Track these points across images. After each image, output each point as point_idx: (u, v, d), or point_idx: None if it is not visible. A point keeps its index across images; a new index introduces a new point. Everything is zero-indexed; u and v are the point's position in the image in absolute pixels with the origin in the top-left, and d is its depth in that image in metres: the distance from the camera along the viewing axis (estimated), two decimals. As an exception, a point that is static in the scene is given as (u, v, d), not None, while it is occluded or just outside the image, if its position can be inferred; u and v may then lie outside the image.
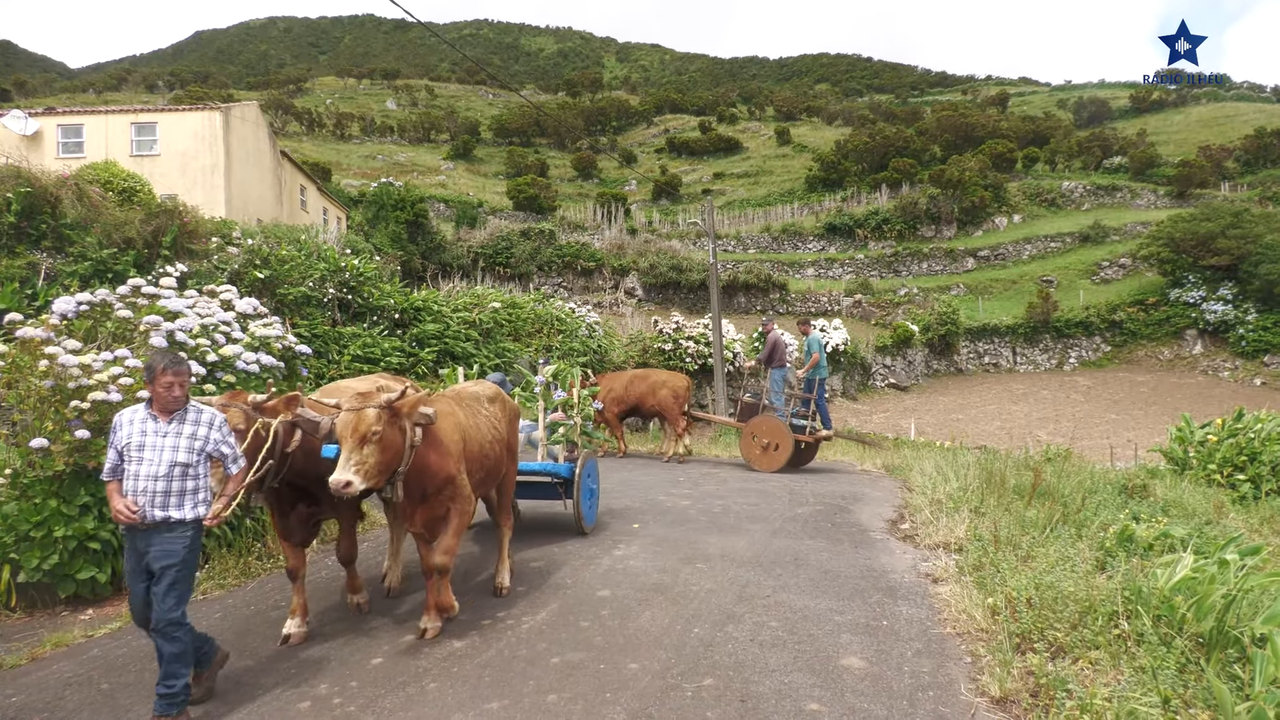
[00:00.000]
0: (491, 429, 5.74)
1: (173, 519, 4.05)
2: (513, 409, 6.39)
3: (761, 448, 12.53)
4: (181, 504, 4.07)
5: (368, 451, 4.39)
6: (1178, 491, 9.39)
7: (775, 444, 12.50)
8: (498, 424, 5.91)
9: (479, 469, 5.43)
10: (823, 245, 52.72)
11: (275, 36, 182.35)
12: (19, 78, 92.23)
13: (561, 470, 7.50)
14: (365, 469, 4.36)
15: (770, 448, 12.50)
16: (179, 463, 4.06)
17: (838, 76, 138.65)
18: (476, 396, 5.89)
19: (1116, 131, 74.31)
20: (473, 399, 5.81)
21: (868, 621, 5.32)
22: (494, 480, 5.94)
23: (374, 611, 5.68)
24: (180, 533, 4.07)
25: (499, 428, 5.90)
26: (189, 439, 4.12)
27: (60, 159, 23.71)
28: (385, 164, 67.32)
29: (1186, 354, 39.44)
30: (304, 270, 15.37)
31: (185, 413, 4.19)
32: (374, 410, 4.45)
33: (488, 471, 5.63)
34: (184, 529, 4.08)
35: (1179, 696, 3.67)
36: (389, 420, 4.50)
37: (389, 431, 4.50)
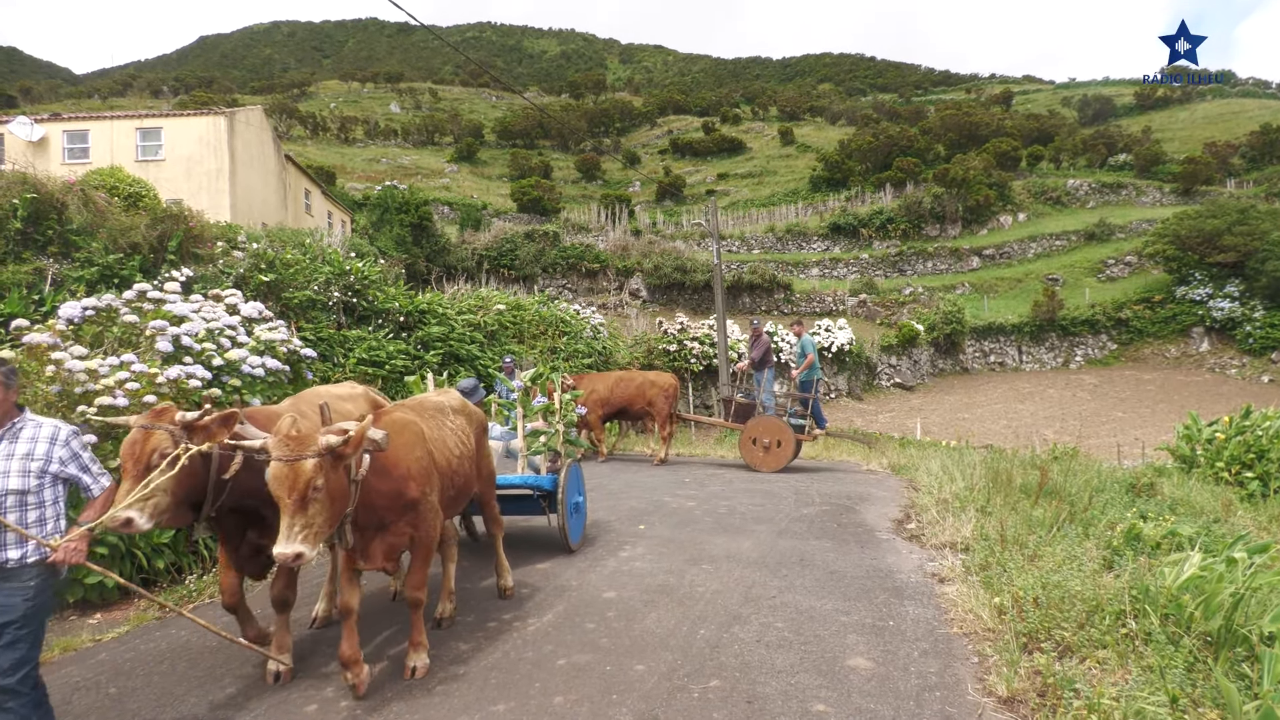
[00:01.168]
0: (459, 443, 5.18)
1: (8, 562, 3.28)
2: (480, 421, 5.78)
3: (764, 448, 12.54)
4: (22, 542, 3.31)
5: (313, 511, 3.65)
6: (1185, 489, 9.36)
7: (777, 442, 12.53)
8: (465, 438, 5.33)
9: (449, 487, 4.90)
10: (827, 245, 52.67)
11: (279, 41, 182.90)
12: (25, 84, 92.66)
13: (543, 482, 6.96)
14: (314, 531, 3.65)
15: (772, 447, 12.52)
16: (10, 490, 3.31)
17: (841, 76, 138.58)
18: (440, 407, 5.29)
19: (1121, 129, 74.12)
20: (436, 410, 5.21)
21: (874, 622, 5.31)
22: (464, 499, 5.38)
23: (379, 614, 5.68)
24: (19, 580, 3.30)
25: (467, 442, 5.32)
26: (22, 460, 3.35)
27: (66, 165, 23.83)
28: (389, 167, 67.48)
29: (1193, 351, 39.31)
30: (309, 274, 15.41)
31: (15, 427, 3.41)
32: (313, 461, 3.65)
33: (459, 489, 5.11)
34: (24, 575, 3.31)
35: (1187, 696, 3.65)
36: (333, 466, 3.77)
37: (335, 479, 3.79)
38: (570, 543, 7.10)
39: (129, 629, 5.48)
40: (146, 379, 6.33)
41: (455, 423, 5.31)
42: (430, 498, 4.52)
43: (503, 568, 6.01)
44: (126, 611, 5.80)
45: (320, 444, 3.71)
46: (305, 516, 3.63)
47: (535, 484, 6.92)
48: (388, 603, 5.96)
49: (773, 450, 12.53)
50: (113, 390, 6.05)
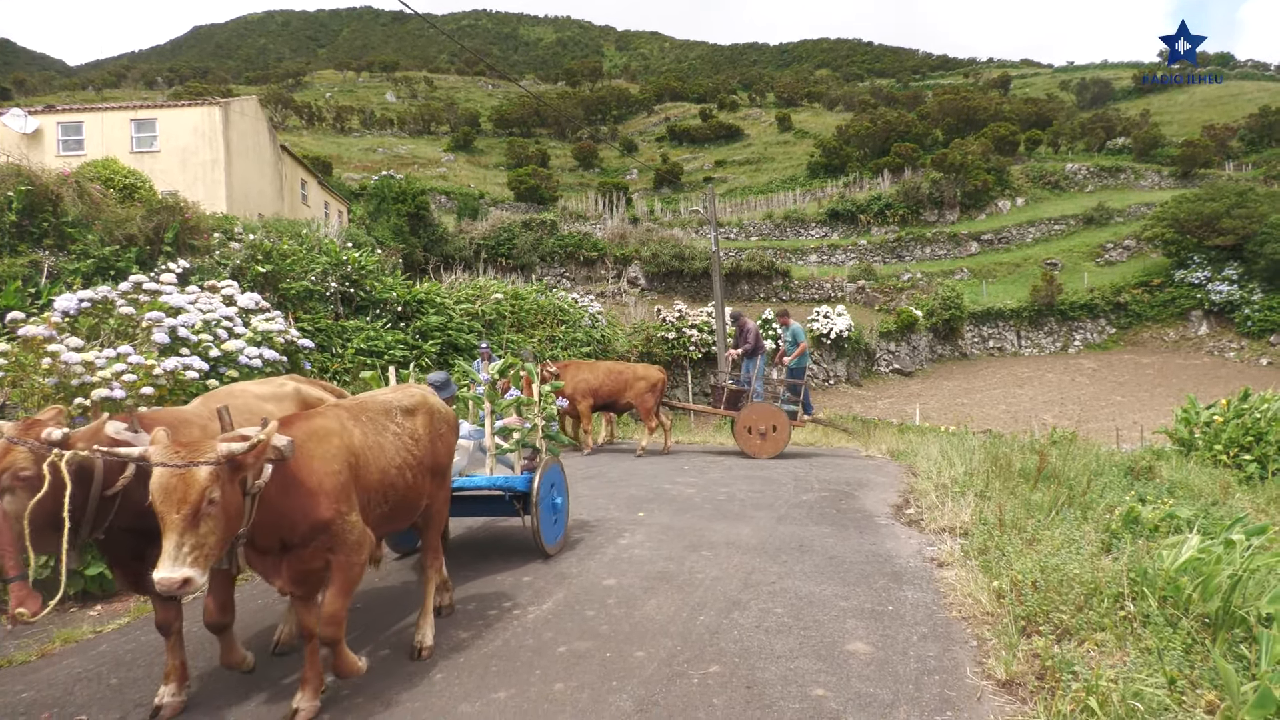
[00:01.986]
0: (406, 450, 4.50)
1: None
2: (444, 421, 5.00)
3: (760, 435, 12.58)
4: None
5: (205, 530, 3.13)
6: (1184, 472, 9.38)
7: (772, 427, 12.60)
8: (417, 442, 4.63)
9: (382, 501, 4.25)
10: (825, 231, 52.59)
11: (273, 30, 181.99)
12: (18, 76, 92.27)
13: (516, 483, 6.31)
14: (205, 552, 3.13)
15: (769, 433, 12.58)
16: None
17: (838, 61, 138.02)
18: (387, 408, 4.59)
19: (1120, 112, 73.96)
20: (380, 412, 4.52)
21: (873, 607, 5.33)
22: (410, 513, 4.69)
23: (377, 605, 5.69)
24: None
25: (418, 448, 4.62)
26: None
27: (61, 157, 23.73)
28: (385, 157, 67.26)
29: (1192, 335, 39.34)
30: (306, 264, 15.38)
31: None
32: (207, 470, 3.14)
33: (397, 504, 4.42)
34: None
35: (1185, 677, 3.66)
36: (230, 477, 3.25)
37: (231, 492, 3.27)
38: (545, 548, 6.45)
39: (130, 620, 5.50)
40: (143, 371, 6.32)
41: (405, 426, 4.60)
42: (349, 518, 3.85)
43: (425, 618, 4.81)
44: (127, 603, 5.81)
45: (220, 450, 3.20)
46: (196, 535, 3.10)
47: (506, 485, 6.27)
48: (390, 586, 5.97)
49: (769, 436, 12.58)
50: (109, 382, 6.05)
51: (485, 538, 7.54)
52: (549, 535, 6.57)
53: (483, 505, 6.67)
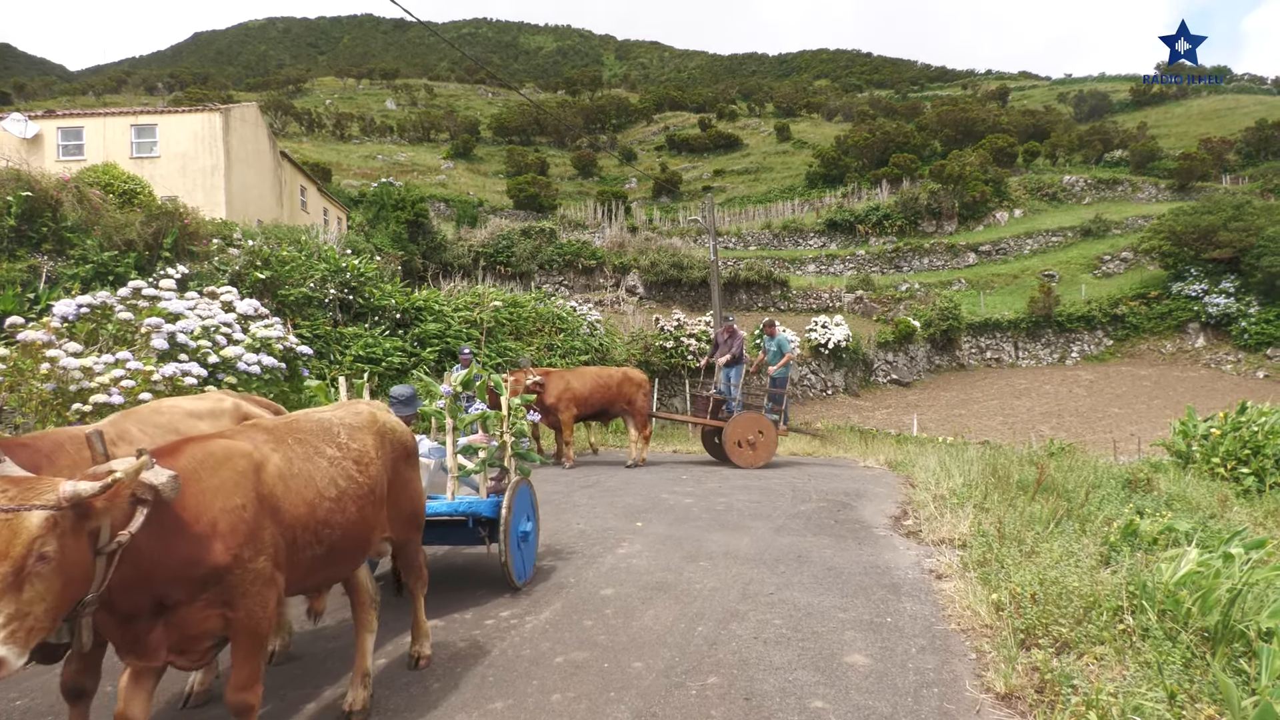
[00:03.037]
0: (347, 478, 3.71)
1: None
2: (401, 444, 4.28)
3: (749, 445, 12.53)
4: None
5: (31, 595, 2.40)
6: (1181, 485, 9.38)
7: (759, 431, 12.59)
8: (363, 469, 3.85)
9: (313, 542, 3.46)
10: (824, 241, 52.70)
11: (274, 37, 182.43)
12: (18, 81, 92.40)
13: (481, 508, 5.73)
14: (28, 625, 2.39)
15: (758, 442, 12.56)
16: None
17: (837, 72, 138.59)
18: (325, 428, 3.83)
19: (1117, 125, 74.24)
20: (315, 433, 3.76)
21: (872, 618, 5.31)
22: (357, 554, 3.88)
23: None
24: None
25: (364, 476, 3.83)
26: None
27: (60, 162, 23.74)
28: (385, 164, 67.35)
29: (1189, 347, 39.42)
30: (305, 271, 15.39)
31: None
32: (40, 517, 2.40)
33: (337, 545, 3.62)
34: None
35: (1185, 691, 3.65)
36: (74, 528, 2.51)
37: (74, 548, 2.51)
38: (514, 580, 5.82)
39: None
40: (142, 376, 6.31)
41: (349, 449, 3.83)
42: (255, 564, 3.09)
43: (420, 631, 4.65)
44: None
45: (61, 492, 2.45)
46: (17, 601, 2.36)
47: (471, 510, 5.68)
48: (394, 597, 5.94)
49: (759, 446, 12.55)
50: (108, 388, 6.04)
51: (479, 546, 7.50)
52: (518, 564, 5.93)
53: (443, 532, 6.05)
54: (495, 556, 6.19)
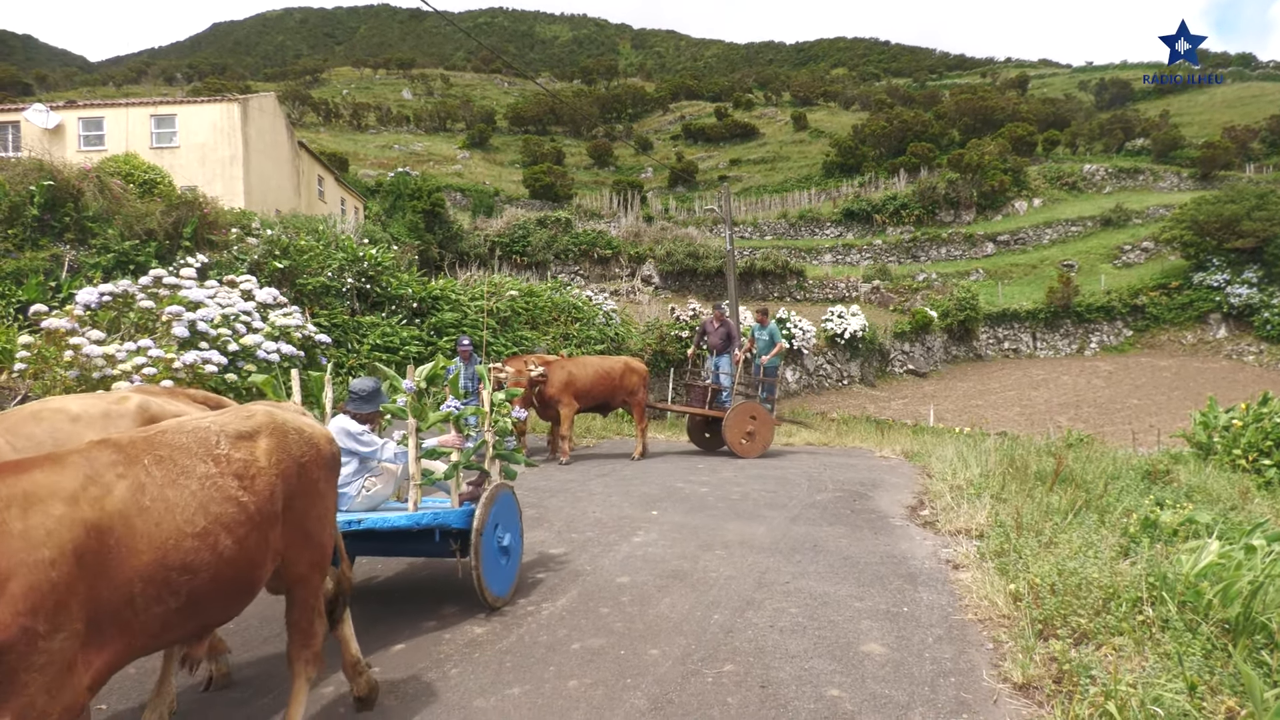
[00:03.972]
0: (228, 500, 2.98)
1: None
2: (306, 449, 3.45)
3: (746, 435, 12.40)
4: None
5: None
6: (1202, 477, 9.30)
7: (759, 423, 12.48)
8: (249, 485, 3.10)
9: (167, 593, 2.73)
10: (840, 231, 52.42)
11: (291, 27, 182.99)
12: (40, 72, 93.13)
13: (451, 519, 5.06)
14: None
15: (756, 431, 12.46)
16: None
17: (855, 60, 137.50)
18: (203, 439, 3.07)
19: (1139, 113, 73.34)
20: (187, 447, 3.01)
21: (888, 608, 5.31)
22: (238, 595, 3.11)
23: (393, 598, 5.72)
24: None
25: (250, 494, 3.09)
26: None
27: (81, 152, 23.94)
28: (402, 154, 67.51)
29: (1210, 338, 38.96)
30: (323, 260, 15.48)
31: None
32: None
33: (205, 588, 2.86)
34: None
35: (1205, 683, 3.63)
36: None
37: None
38: (489, 598, 5.16)
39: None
40: (163, 364, 6.37)
41: (226, 462, 3.06)
42: (49, 643, 2.29)
43: None
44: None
45: None
46: None
47: (436, 522, 5.01)
48: (416, 575, 5.99)
49: (757, 435, 12.47)
50: (130, 375, 6.10)
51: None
52: (495, 582, 5.27)
53: (408, 544, 5.44)
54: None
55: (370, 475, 5.21)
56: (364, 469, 5.16)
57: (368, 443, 5.05)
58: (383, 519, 4.87)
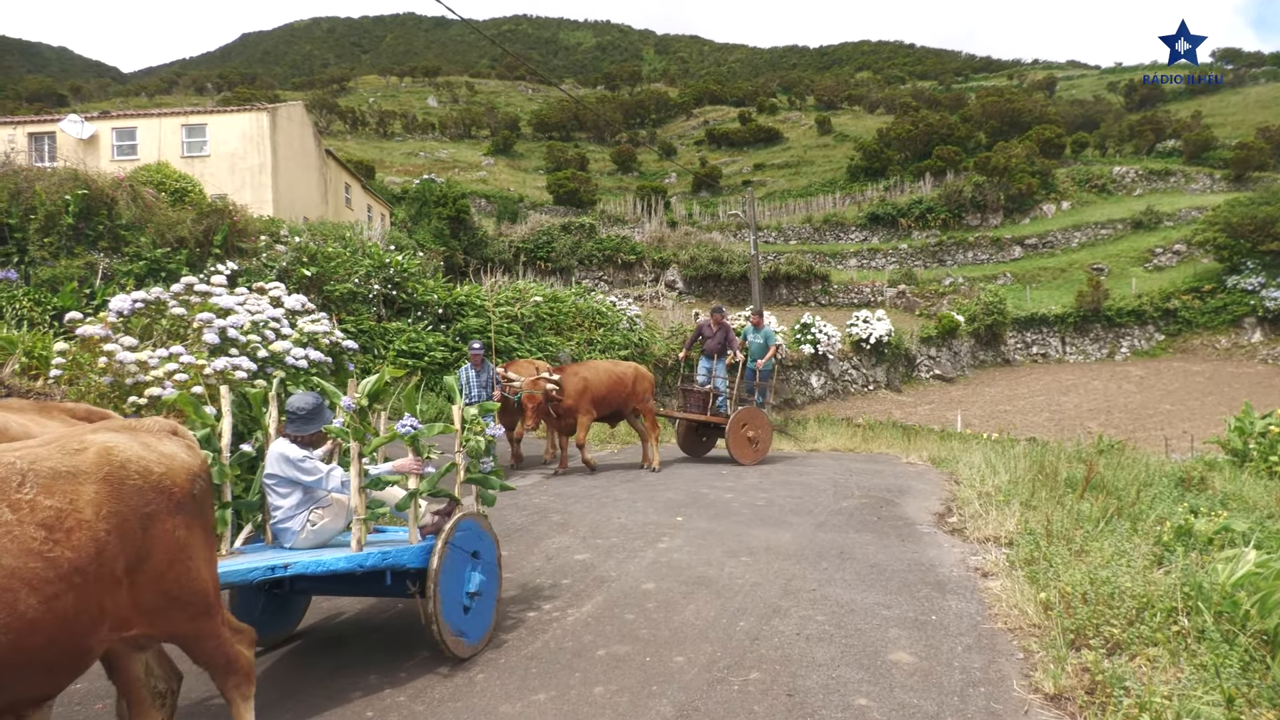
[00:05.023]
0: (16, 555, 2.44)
1: None
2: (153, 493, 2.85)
3: (748, 440, 12.17)
4: None
5: None
6: (1237, 484, 9.12)
7: (759, 431, 12.32)
8: (61, 538, 2.56)
9: None
10: (865, 235, 52.14)
11: (319, 37, 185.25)
12: (75, 84, 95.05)
13: (405, 558, 4.39)
14: None
15: (758, 438, 12.29)
16: None
17: (879, 64, 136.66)
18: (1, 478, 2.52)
19: (1170, 114, 72.14)
20: None
21: (916, 616, 5.26)
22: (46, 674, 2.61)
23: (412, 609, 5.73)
24: None
25: (62, 546, 2.55)
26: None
27: (115, 161, 24.38)
28: (427, 161, 68.09)
29: (1245, 342, 38.23)
30: (349, 267, 15.64)
31: None
32: None
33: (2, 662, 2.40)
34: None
35: (1243, 695, 3.56)
36: None
37: None
38: (452, 646, 4.43)
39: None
40: (194, 370, 6.46)
41: (31, 509, 2.52)
42: None
43: None
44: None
45: None
46: None
47: (386, 562, 4.32)
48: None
49: (759, 441, 12.32)
50: (162, 381, 6.19)
51: (523, 540, 7.56)
52: (464, 627, 4.57)
53: (359, 585, 4.72)
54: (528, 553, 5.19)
55: (317, 507, 4.58)
56: (309, 500, 4.55)
57: (310, 470, 4.45)
58: (316, 562, 4.13)
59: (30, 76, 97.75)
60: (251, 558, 4.26)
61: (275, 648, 4.89)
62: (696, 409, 12.67)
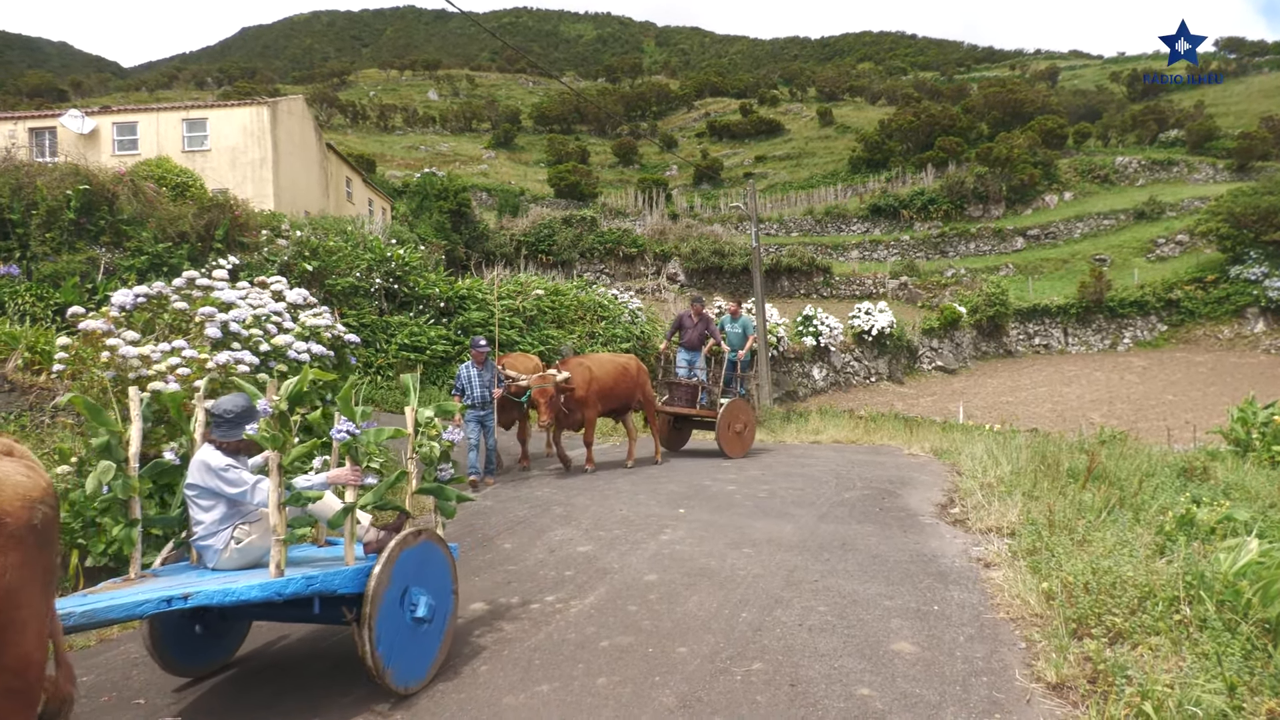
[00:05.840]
0: None
1: None
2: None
3: (736, 433, 12.06)
4: None
5: None
6: (1240, 474, 9.11)
7: (745, 423, 12.24)
8: None
9: None
10: (867, 227, 52.08)
11: (319, 30, 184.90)
12: (75, 79, 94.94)
13: (336, 582, 3.81)
14: None
15: (743, 431, 12.21)
16: None
17: (881, 55, 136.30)
18: None
19: (1173, 104, 71.93)
20: None
21: (918, 606, 5.26)
22: None
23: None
24: None
25: None
26: None
27: (116, 156, 24.38)
28: (428, 154, 68.02)
29: (1247, 333, 38.16)
30: (351, 261, 15.63)
31: None
32: None
33: None
34: None
35: (1245, 684, 3.56)
36: None
37: None
38: (391, 684, 3.89)
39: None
40: (197, 364, 6.47)
41: None
42: None
43: None
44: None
45: None
46: None
47: (312, 590, 3.73)
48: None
49: (745, 433, 12.25)
50: (165, 375, 6.19)
51: (526, 533, 7.58)
52: (402, 662, 3.98)
53: (285, 611, 4.22)
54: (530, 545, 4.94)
55: (243, 522, 4.12)
56: (235, 514, 4.11)
57: (234, 480, 3.98)
58: (224, 591, 3.50)
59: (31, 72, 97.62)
60: (151, 585, 3.74)
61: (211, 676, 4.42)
62: (683, 402, 12.37)
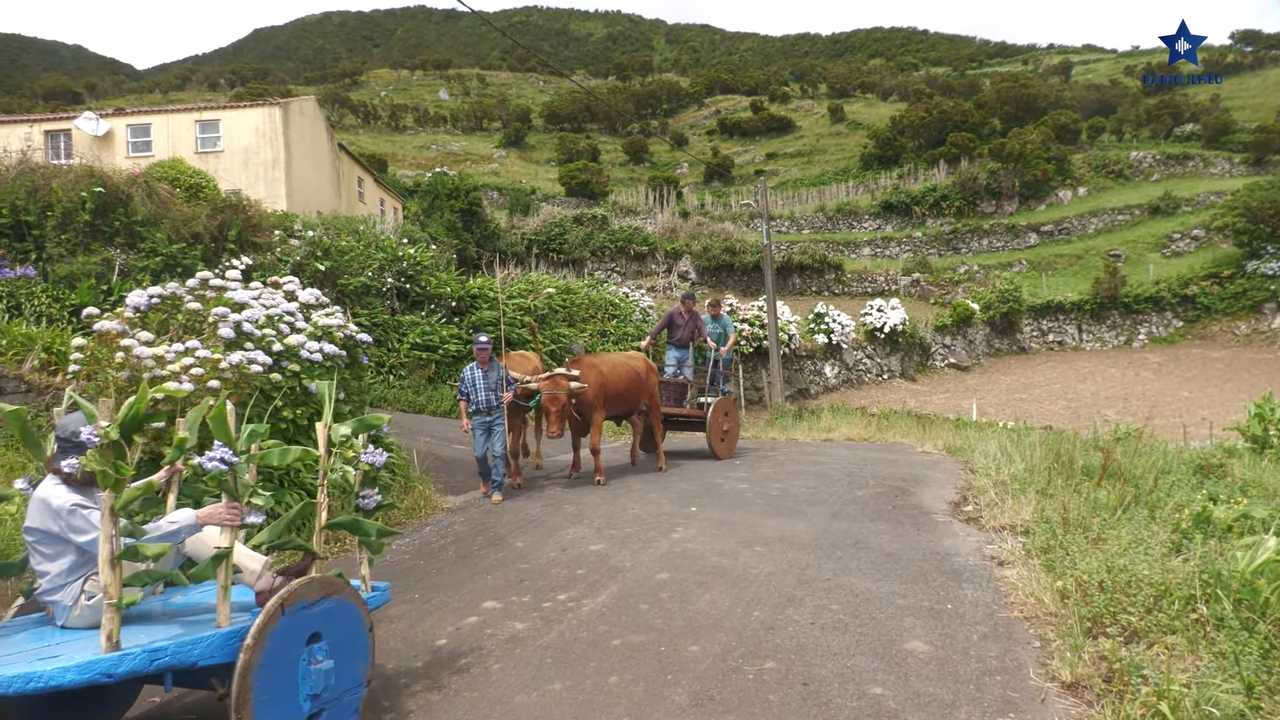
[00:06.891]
0: None
1: None
2: None
3: (724, 434, 11.94)
4: None
5: None
6: (1257, 471, 9.02)
7: (731, 422, 12.19)
8: None
9: None
10: (879, 224, 51.85)
11: (330, 31, 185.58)
12: (90, 81, 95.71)
13: (198, 651, 3.05)
14: None
15: (730, 430, 12.15)
16: None
17: (892, 51, 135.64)
18: None
19: (1188, 97, 71.18)
20: None
21: (931, 605, 5.24)
22: None
23: (437, 589, 5.77)
24: None
25: None
26: None
27: (130, 158, 24.55)
28: (439, 154, 68.20)
29: (1265, 328, 37.78)
30: (363, 260, 15.69)
31: None
32: None
33: None
34: None
35: (1263, 683, 3.53)
36: None
37: None
38: None
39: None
40: (210, 364, 6.50)
41: None
42: None
43: None
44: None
45: None
46: None
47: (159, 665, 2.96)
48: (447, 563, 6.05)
49: (731, 433, 12.17)
50: (179, 375, 6.22)
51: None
52: None
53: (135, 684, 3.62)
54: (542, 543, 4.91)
55: (95, 574, 3.29)
56: (86, 562, 3.32)
57: (80, 527, 3.21)
58: (28, 676, 2.69)
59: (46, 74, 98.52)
60: None
61: None
62: (672, 402, 11.99)
